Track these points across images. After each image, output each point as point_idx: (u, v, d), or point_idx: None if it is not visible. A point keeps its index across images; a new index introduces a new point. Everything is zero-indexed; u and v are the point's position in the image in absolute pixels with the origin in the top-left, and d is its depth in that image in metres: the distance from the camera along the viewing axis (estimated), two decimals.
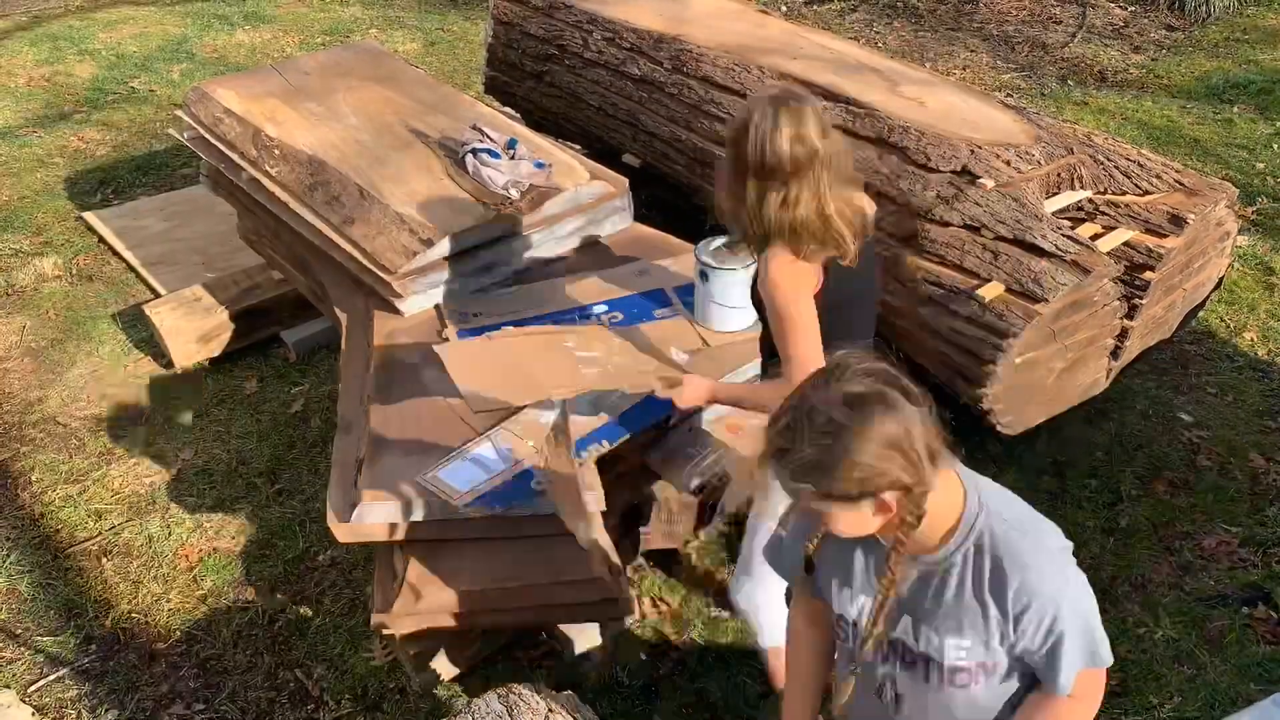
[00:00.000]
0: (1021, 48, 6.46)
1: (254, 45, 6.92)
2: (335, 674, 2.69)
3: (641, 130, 4.01)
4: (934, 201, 3.06)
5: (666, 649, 2.72)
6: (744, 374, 2.60)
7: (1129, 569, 2.92)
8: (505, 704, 1.96)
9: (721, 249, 2.66)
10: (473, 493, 2.22)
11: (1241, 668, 2.63)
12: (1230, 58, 6.15)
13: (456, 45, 6.91)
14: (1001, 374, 2.87)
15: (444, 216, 2.93)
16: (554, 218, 3.03)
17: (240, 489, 3.28)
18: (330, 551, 3.04)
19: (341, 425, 2.56)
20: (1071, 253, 2.83)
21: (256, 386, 3.74)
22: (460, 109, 3.56)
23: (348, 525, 2.23)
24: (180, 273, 4.29)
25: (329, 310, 3.26)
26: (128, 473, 3.36)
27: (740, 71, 3.67)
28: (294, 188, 3.17)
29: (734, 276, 2.59)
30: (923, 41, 6.62)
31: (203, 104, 3.62)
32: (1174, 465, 3.30)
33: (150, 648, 2.79)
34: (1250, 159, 4.97)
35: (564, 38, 4.28)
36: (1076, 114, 5.51)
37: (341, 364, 2.81)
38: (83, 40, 6.98)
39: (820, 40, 3.93)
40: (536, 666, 2.68)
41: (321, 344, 3.93)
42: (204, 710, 2.62)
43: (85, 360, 3.90)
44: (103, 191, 5.08)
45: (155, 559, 3.05)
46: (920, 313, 3.01)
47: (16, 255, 4.54)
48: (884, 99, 3.41)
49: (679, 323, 2.74)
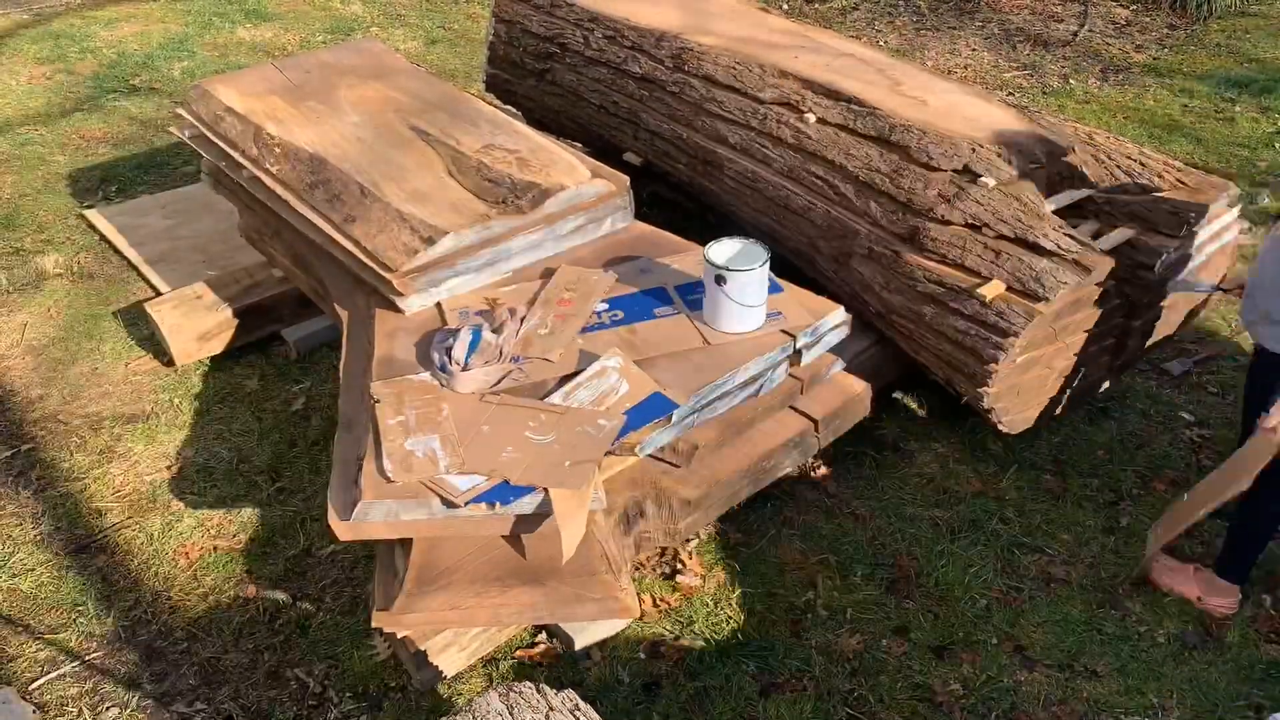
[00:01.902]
0: (1023, 46, 6.46)
1: (255, 43, 6.91)
2: (336, 672, 2.69)
3: (643, 128, 4.00)
4: (935, 200, 3.06)
5: (666, 648, 2.72)
6: (745, 372, 2.60)
7: (1130, 568, 2.93)
8: (505, 702, 1.96)
9: (734, 248, 2.68)
10: (473, 491, 2.23)
11: (1242, 668, 2.63)
12: (1232, 56, 6.15)
13: (458, 43, 6.91)
14: (1003, 373, 2.87)
15: (445, 214, 2.93)
16: (554, 216, 3.03)
17: (241, 487, 3.28)
18: (331, 549, 3.04)
19: (342, 423, 2.56)
20: (1073, 252, 2.83)
21: (258, 384, 3.74)
22: (461, 107, 3.56)
23: (348, 523, 2.23)
24: (181, 271, 4.29)
25: (330, 308, 3.26)
26: (129, 471, 3.37)
27: (742, 70, 3.66)
28: (295, 186, 3.17)
29: (751, 276, 2.60)
30: (924, 40, 6.61)
31: (204, 102, 3.62)
32: (1175, 465, 3.30)
33: (151, 645, 2.79)
34: (1251, 157, 4.97)
35: (565, 36, 4.27)
36: (1078, 113, 5.51)
37: (342, 362, 2.81)
38: (84, 38, 6.97)
39: (822, 39, 3.93)
40: (537, 666, 2.68)
41: (322, 342, 3.93)
42: (205, 708, 2.62)
43: (86, 358, 3.90)
44: (104, 189, 5.08)
45: (156, 557, 3.05)
46: (921, 311, 3.01)
47: (17, 253, 4.54)
48: (885, 97, 3.41)
49: (679, 321, 2.74)
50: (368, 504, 2.21)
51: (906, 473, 3.28)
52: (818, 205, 3.35)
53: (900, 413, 3.51)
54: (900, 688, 2.61)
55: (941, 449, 3.36)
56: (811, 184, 3.37)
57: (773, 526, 3.09)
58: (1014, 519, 3.10)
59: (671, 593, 2.88)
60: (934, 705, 2.57)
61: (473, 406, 2.45)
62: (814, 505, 3.16)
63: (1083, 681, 2.62)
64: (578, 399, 2.45)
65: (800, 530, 3.07)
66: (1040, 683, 2.62)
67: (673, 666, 2.67)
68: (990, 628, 2.77)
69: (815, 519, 3.11)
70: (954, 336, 2.93)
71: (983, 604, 2.83)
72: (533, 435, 2.35)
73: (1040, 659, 2.68)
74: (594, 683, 2.63)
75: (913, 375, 3.46)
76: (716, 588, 2.90)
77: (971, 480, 3.24)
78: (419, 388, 2.52)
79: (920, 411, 3.53)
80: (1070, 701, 2.57)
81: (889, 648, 2.71)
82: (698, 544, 3.02)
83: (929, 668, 2.66)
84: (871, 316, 3.28)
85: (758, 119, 3.54)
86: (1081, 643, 2.72)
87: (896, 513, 3.13)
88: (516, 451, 2.30)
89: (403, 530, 2.25)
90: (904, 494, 3.20)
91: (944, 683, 2.62)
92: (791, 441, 2.91)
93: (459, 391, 2.49)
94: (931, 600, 2.85)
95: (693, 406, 2.50)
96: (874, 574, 2.93)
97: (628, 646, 2.72)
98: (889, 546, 3.02)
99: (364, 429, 2.45)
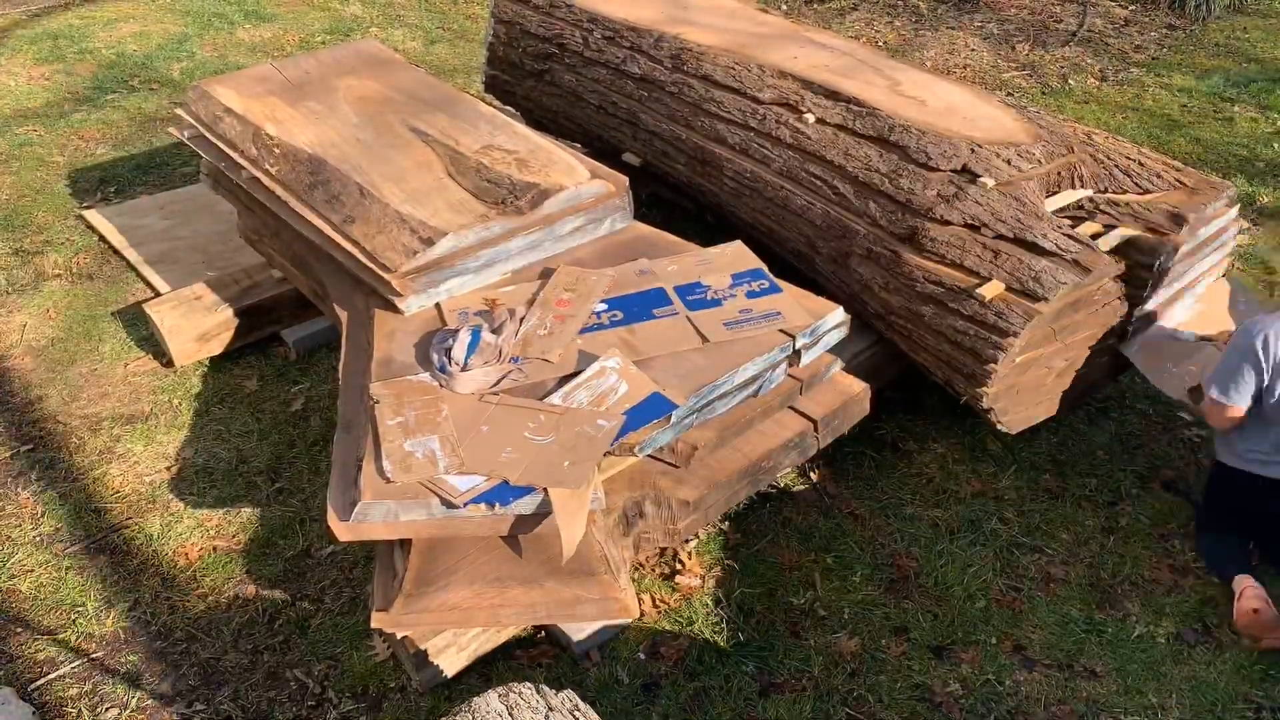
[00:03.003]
0: (1022, 46, 6.46)
1: (254, 44, 6.91)
2: (336, 672, 2.69)
3: (642, 129, 4.01)
4: (934, 200, 3.06)
5: (666, 649, 2.72)
6: (744, 373, 2.60)
7: (1129, 568, 2.93)
8: (505, 703, 1.96)
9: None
10: (472, 491, 2.23)
11: (1242, 667, 2.63)
12: (1231, 57, 6.15)
13: (457, 43, 6.91)
14: (1002, 373, 2.87)
15: (444, 215, 2.93)
16: (554, 216, 3.03)
17: (240, 487, 3.28)
18: (330, 549, 3.04)
19: (341, 424, 2.56)
20: (1072, 252, 2.83)
21: (257, 385, 3.74)
22: (461, 108, 3.56)
23: (348, 524, 2.23)
24: (180, 271, 4.29)
25: (329, 309, 3.26)
26: (128, 471, 3.37)
27: (741, 70, 3.67)
28: (294, 186, 3.17)
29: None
30: (923, 40, 6.61)
31: (203, 102, 3.62)
32: (1174, 464, 3.30)
33: (151, 646, 2.79)
34: (1251, 158, 4.97)
35: (564, 36, 4.28)
36: (1077, 113, 5.51)
37: (341, 363, 2.81)
38: (83, 38, 6.97)
39: (821, 39, 3.93)
40: (536, 666, 2.68)
41: (322, 343, 3.93)
42: (204, 709, 2.62)
43: (85, 358, 3.90)
44: (103, 190, 5.08)
45: (155, 557, 3.05)
46: (920, 311, 3.01)
47: (17, 253, 4.54)
48: (884, 98, 3.41)
49: (678, 321, 2.74)
50: (367, 504, 2.21)
51: (905, 473, 3.28)
52: (816, 205, 3.35)
53: (900, 413, 3.51)
54: (899, 688, 2.62)
55: (941, 449, 3.37)
56: (810, 184, 3.37)
57: (772, 527, 3.09)
58: (1013, 519, 3.10)
59: (671, 593, 2.88)
60: (933, 705, 2.57)
61: (472, 407, 2.45)
62: (813, 505, 3.17)
63: (1082, 681, 2.62)
64: (576, 399, 2.44)
65: (799, 530, 3.07)
66: (1039, 682, 2.62)
67: (672, 666, 2.68)
68: (989, 627, 2.77)
69: (814, 519, 3.11)
70: (953, 337, 2.93)
71: (982, 604, 2.83)
72: (532, 436, 2.35)
73: (1039, 659, 2.68)
74: (593, 683, 2.63)
75: (912, 375, 3.47)
76: (716, 588, 2.90)
77: (970, 480, 3.25)
78: (418, 388, 2.52)
79: (920, 411, 3.53)
80: (1070, 701, 2.57)
81: (888, 648, 2.72)
82: (697, 544, 3.02)
83: (928, 668, 2.66)
84: (870, 317, 3.28)
85: (757, 119, 3.55)
86: (1081, 642, 2.72)
87: (896, 513, 3.13)
88: (516, 452, 2.31)
89: (402, 531, 2.25)
90: (903, 494, 3.20)
91: (943, 683, 2.62)
92: (791, 442, 2.91)
93: (458, 392, 2.49)
94: (930, 600, 2.85)
95: (692, 407, 2.50)
96: (873, 574, 2.93)
97: (627, 647, 2.72)
98: (888, 547, 3.02)
99: (363, 430, 2.45)
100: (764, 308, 2.76)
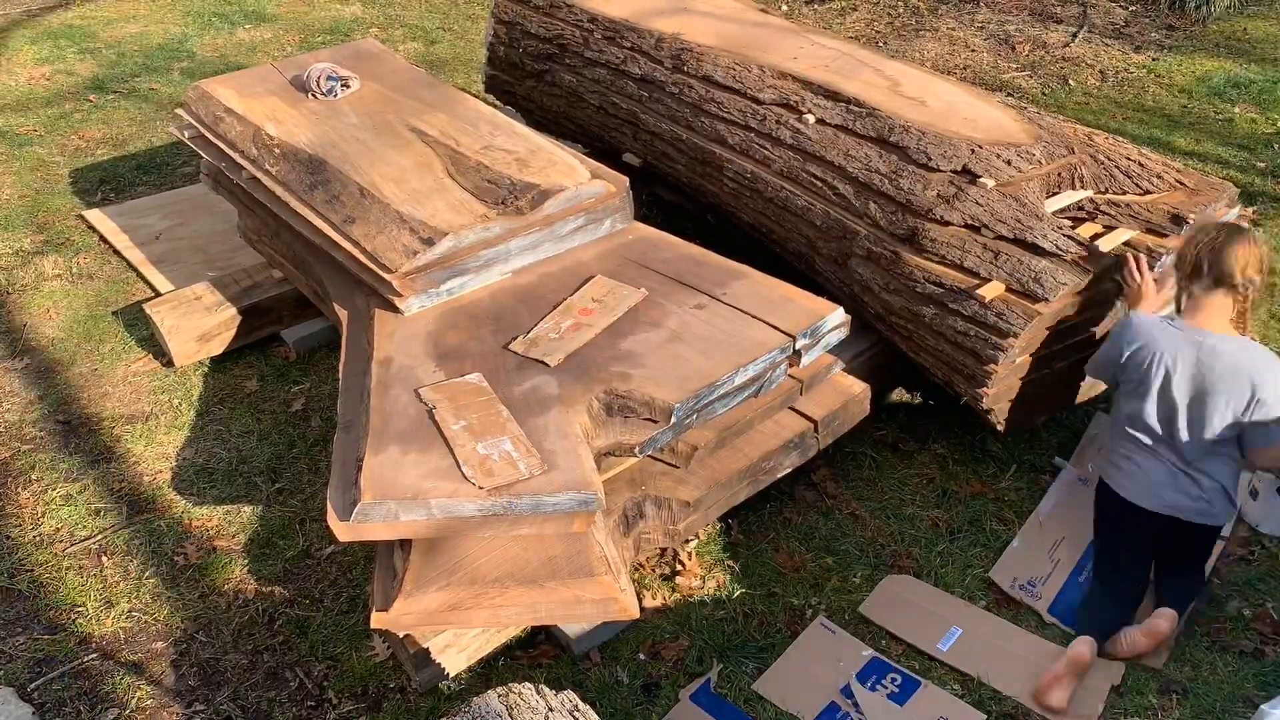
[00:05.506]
0: (1023, 47, 6.46)
1: (255, 44, 6.92)
2: (336, 672, 2.69)
3: (642, 129, 4.01)
4: (934, 201, 3.06)
5: (666, 649, 2.72)
6: (744, 373, 2.60)
7: None
8: (505, 703, 1.96)
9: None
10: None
11: (1241, 667, 2.63)
12: (1231, 57, 6.15)
13: (457, 44, 6.91)
14: (1002, 373, 2.87)
15: (444, 215, 2.93)
16: (554, 217, 3.03)
17: (240, 488, 3.28)
18: (330, 550, 3.04)
19: (341, 424, 2.56)
20: (1072, 252, 2.83)
21: (257, 385, 3.74)
22: (461, 108, 3.56)
23: (348, 524, 2.23)
24: (181, 271, 4.29)
25: (329, 309, 3.26)
26: (127, 471, 3.36)
27: (741, 71, 3.67)
28: (294, 186, 3.17)
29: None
30: (923, 40, 6.61)
31: (203, 102, 3.62)
32: None
33: (150, 646, 2.79)
34: (1251, 158, 4.97)
35: (564, 37, 4.28)
36: (1077, 113, 5.51)
37: (341, 363, 2.81)
38: (83, 38, 6.97)
39: (821, 39, 3.94)
40: (536, 666, 2.68)
41: (322, 343, 3.93)
42: (204, 710, 2.62)
43: (85, 359, 3.90)
44: (103, 190, 5.08)
45: (155, 557, 3.05)
46: (920, 312, 3.01)
47: (17, 254, 4.54)
48: (885, 98, 3.42)
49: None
50: (367, 505, 2.21)
51: (906, 473, 3.28)
52: (817, 206, 3.35)
53: (900, 413, 3.51)
54: None
55: (941, 449, 3.36)
56: (811, 185, 3.37)
57: (772, 527, 3.09)
58: (1013, 519, 3.10)
59: (671, 593, 2.88)
60: None
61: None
62: (813, 506, 3.17)
63: None
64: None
65: (800, 531, 3.07)
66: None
67: (672, 667, 2.67)
68: None
69: (814, 520, 3.11)
70: (953, 337, 2.93)
71: (982, 604, 2.83)
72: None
73: None
74: (593, 684, 2.63)
75: (912, 376, 3.47)
76: (716, 588, 2.90)
77: (971, 481, 3.24)
78: (471, 390, 2.51)
79: (920, 412, 3.53)
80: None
81: (888, 648, 2.71)
82: (697, 544, 3.02)
83: (928, 667, 2.66)
84: (871, 317, 3.28)
85: (757, 120, 3.55)
86: None
87: (896, 513, 3.13)
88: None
89: (402, 531, 2.26)
90: (903, 494, 3.20)
91: (943, 683, 2.62)
92: (791, 442, 2.91)
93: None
94: None
95: (692, 407, 2.50)
96: (873, 574, 2.93)
97: (627, 647, 2.72)
98: (888, 547, 3.02)
99: (363, 430, 2.45)
100: None
